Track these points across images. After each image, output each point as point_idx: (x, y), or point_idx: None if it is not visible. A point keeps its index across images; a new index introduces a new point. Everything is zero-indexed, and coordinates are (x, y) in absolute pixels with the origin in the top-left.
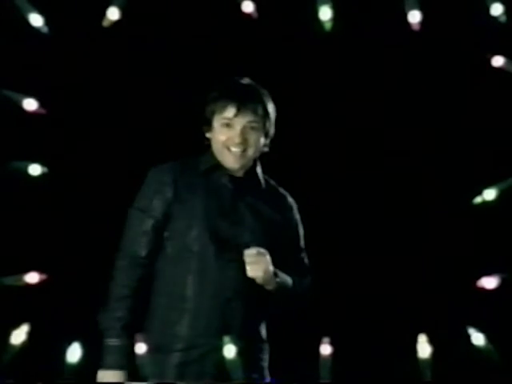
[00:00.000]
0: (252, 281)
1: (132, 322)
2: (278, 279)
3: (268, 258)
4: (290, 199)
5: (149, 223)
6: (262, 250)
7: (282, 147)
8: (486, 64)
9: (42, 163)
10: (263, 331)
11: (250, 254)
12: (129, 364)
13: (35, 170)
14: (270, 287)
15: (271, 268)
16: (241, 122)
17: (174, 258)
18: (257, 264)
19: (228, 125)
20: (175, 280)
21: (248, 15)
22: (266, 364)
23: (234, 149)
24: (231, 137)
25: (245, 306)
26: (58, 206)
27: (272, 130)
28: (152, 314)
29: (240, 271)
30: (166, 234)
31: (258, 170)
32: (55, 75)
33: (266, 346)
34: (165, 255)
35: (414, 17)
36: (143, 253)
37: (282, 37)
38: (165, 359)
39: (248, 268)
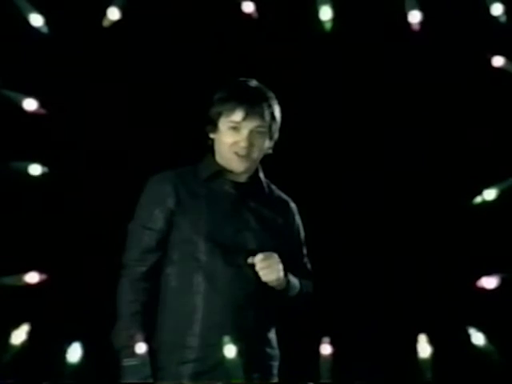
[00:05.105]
0: (262, 286)
1: (146, 337)
2: (287, 278)
3: (277, 258)
4: (293, 204)
5: (152, 238)
6: (270, 253)
7: (281, 148)
8: (486, 64)
9: (42, 163)
10: (274, 338)
11: (259, 259)
12: (150, 377)
13: (35, 169)
14: (280, 287)
15: (281, 267)
16: (248, 126)
17: (181, 267)
18: (268, 268)
19: (235, 128)
20: (183, 290)
21: (248, 15)
22: (275, 371)
23: (239, 152)
24: (238, 141)
25: (256, 313)
26: (58, 205)
27: (277, 134)
28: (161, 325)
29: (248, 277)
30: (170, 242)
31: (261, 175)
32: (55, 75)
33: (277, 353)
34: (171, 264)
35: (414, 17)
36: (149, 267)
37: (282, 37)
38: (177, 370)
39: (261, 273)
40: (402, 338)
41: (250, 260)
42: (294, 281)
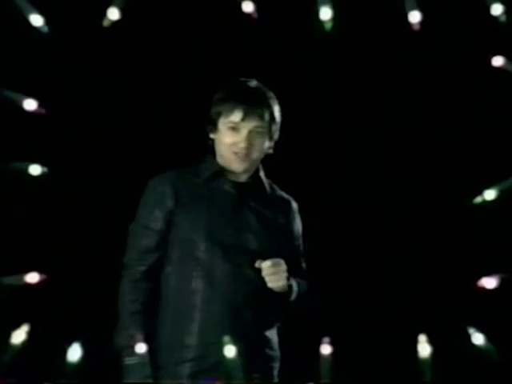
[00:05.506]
0: (262, 286)
1: (146, 336)
2: (289, 282)
3: (284, 266)
4: (294, 204)
5: (152, 238)
6: (278, 260)
7: (281, 148)
8: (486, 64)
9: (42, 163)
10: (274, 339)
11: (267, 266)
12: (150, 377)
13: (35, 169)
14: (282, 291)
15: (287, 275)
16: (247, 127)
17: (180, 266)
18: (275, 275)
19: (234, 128)
20: (182, 289)
21: (248, 15)
22: (276, 372)
23: (239, 152)
24: (237, 141)
25: (255, 313)
26: (58, 205)
27: (277, 134)
28: (161, 324)
29: (248, 277)
30: (170, 242)
31: (262, 174)
32: (55, 75)
33: (277, 354)
34: (170, 264)
35: (414, 17)
36: (149, 267)
37: (282, 37)
38: (175, 370)
39: (267, 279)
40: (402, 338)
41: (257, 264)
42: (295, 285)
